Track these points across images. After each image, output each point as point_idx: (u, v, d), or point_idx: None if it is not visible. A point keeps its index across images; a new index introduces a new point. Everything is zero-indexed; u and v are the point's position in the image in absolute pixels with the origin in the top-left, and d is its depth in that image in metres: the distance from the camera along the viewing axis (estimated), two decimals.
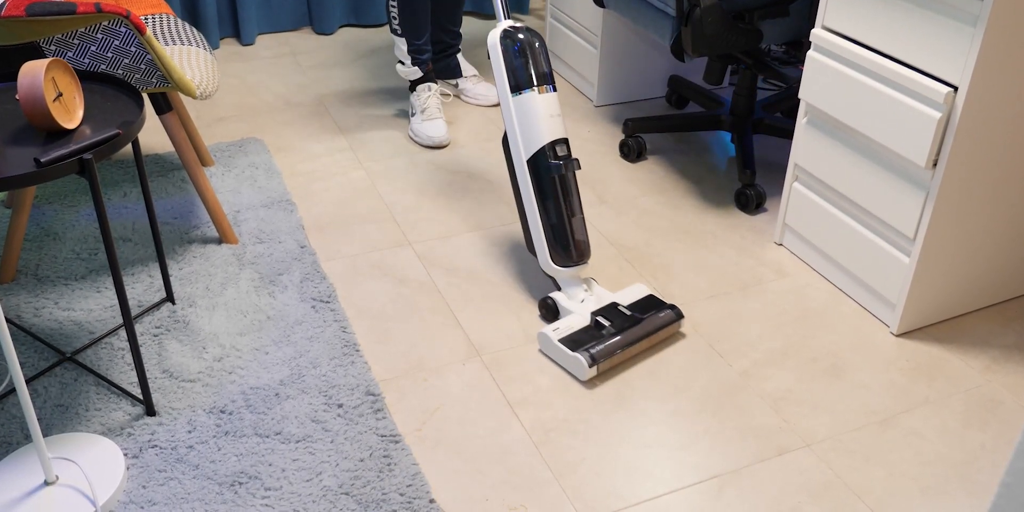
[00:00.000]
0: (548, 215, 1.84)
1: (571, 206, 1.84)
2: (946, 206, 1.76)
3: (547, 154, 1.82)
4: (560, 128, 1.84)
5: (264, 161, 2.50)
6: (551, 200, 1.83)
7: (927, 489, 1.56)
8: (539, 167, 1.83)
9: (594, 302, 1.87)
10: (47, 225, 2.22)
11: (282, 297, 1.99)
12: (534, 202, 1.85)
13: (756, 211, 2.33)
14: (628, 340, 1.79)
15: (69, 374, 1.77)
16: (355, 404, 1.71)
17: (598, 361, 1.75)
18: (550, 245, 1.85)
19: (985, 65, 1.60)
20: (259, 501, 1.51)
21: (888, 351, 1.87)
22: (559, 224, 1.84)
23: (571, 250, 1.85)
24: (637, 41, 2.77)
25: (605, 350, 1.76)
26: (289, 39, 3.33)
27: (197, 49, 2.10)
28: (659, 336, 1.84)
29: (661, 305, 1.87)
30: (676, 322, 1.86)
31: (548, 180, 1.83)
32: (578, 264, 1.87)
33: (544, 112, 1.82)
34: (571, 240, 1.84)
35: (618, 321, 1.81)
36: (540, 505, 1.52)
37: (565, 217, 1.83)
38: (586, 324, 1.82)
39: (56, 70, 1.46)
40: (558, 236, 1.84)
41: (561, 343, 1.77)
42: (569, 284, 1.88)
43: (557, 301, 1.87)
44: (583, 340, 1.78)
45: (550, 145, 1.82)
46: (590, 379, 1.77)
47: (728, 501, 1.53)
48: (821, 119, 1.97)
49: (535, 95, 1.82)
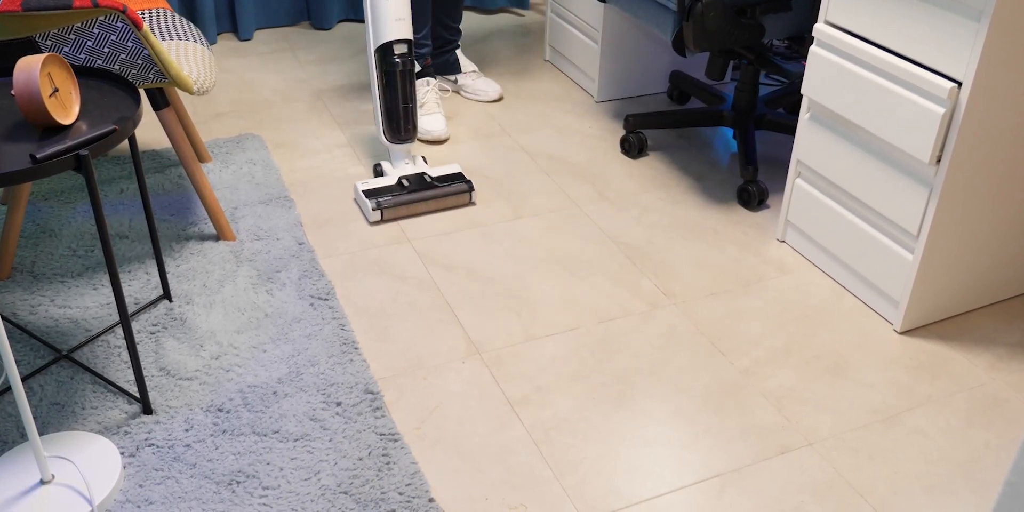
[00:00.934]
0: (386, 99, 2.24)
1: (405, 95, 2.23)
2: (950, 202, 1.75)
3: (391, 50, 2.18)
4: (404, 30, 2.18)
5: (262, 157, 2.50)
6: (390, 87, 2.23)
7: (931, 488, 1.55)
8: (384, 60, 2.20)
9: (410, 170, 2.31)
10: (43, 222, 2.21)
11: (280, 294, 1.98)
12: (377, 87, 2.25)
13: (758, 208, 2.32)
14: (416, 198, 2.23)
15: (65, 372, 1.77)
16: (354, 402, 1.70)
17: (383, 207, 2.20)
18: (384, 122, 2.27)
19: (989, 60, 1.60)
20: (257, 500, 1.51)
21: (891, 349, 1.86)
22: (393, 107, 2.25)
23: (400, 129, 2.27)
24: (638, 36, 2.77)
25: (393, 201, 2.21)
26: (287, 34, 3.32)
27: (194, 44, 2.10)
28: (446, 201, 2.27)
29: (460, 179, 2.28)
30: (466, 193, 2.27)
31: (390, 71, 2.21)
32: (404, 142, 2.29)
33: (392, 14, 2.17)
34: (400, 121, 2.26)
35: (416, 184, 2.25)
36: (540, 504, 1.52)
37: (399, 103, 2.24)
38: (391, 183, 2.26)
39: (52, 65, 1.45)
40: (391, 116, 2.26)
41: (363, 192, 2.22)
42: (396, 156, 2.33)
43: (383, 166, 2.35)
44: (380, 192, 2.22)
45: (392, 43, 2.18)
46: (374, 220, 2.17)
47: (730, 500, 1.53)
48: (824, 115, 1.96)
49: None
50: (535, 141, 2.61)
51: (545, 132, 2.66)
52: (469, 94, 2.85)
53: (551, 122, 2.72)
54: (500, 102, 2.83)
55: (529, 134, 2.65)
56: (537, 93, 2.89)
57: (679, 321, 1.93)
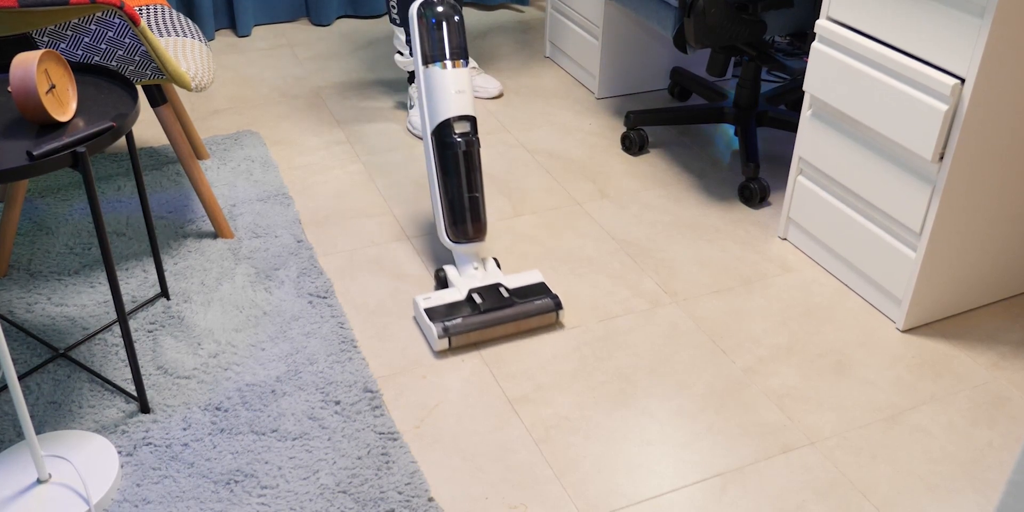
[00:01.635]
0: (447, 190, 1.90)
1: (471, 183, 1.90)
2: (953, 200, 1.75)
3: (450, 129, 1.88)
4: (467, 105, 1.89)
5: (260, 154, 2.49)
6: (451, 175, 1.90)
7: (934, 487, 1.55)
8: (442, 141, 1.89)
9: (479, 280, 1.91)
10: (40, 219, 2.21)
11: (278, 292, 1.98)
12: (435, 176, 1.91)
13: (760, 205, 2.32)
14: (491, 320, 1.82)
15: (62, 371, 1.76)
16: (353, 401, 1.70)
17: (451, 334, 1.79)
18: (447, 219, 1.92)
19: (992, 57, 1.59)
20: (255, 500, 1.50)
21: (894, 347, 1.86)
22: (457, 200, 1.90)
23: (467, 226, 1.91)
24: (639, 32, 2.76)
25: (462, 325, 1.80)
26: (286, 30, 3.32)
27: (192, 40, 2.09)
28: (528, 323, 1.86)
29: (543, 293, 1.89)
30: (552, 312, 1.87)
31: (450, 154, 1.89)
32: (472, 241, 1.92)
33: (452, 87, 1.88)
34: (466, 216, 1.91)
35: (490, 300, 1.84)
36: (541, 503, 1.51)
37: (463, 193, 1.90)
38: (459, 299, 1.86)
39: (49, 62, 1.45)
40: (455, 211, 1.91)
41: (426, 312, 1.82)
42: (462, 260, 1.94)
43: (447, 274, 1.94)
44: (447, 312, 1.82)
45: (452, 120, 1.88)
46: (441, 350, 1.82)
47: (732, 499, 1.52)
48: (826, 112, 1.96)
49: (444, 69, 1.88)
50: (535, 138, 2.61)
51: (545, 129, 2.66)
52: None
53: (551, 119, 2.71)
54: (500, 99, 2.83)
55: (529, 131, 2.64)
56: (537, 90, 2.88)
57: (680, 319, 1.93)
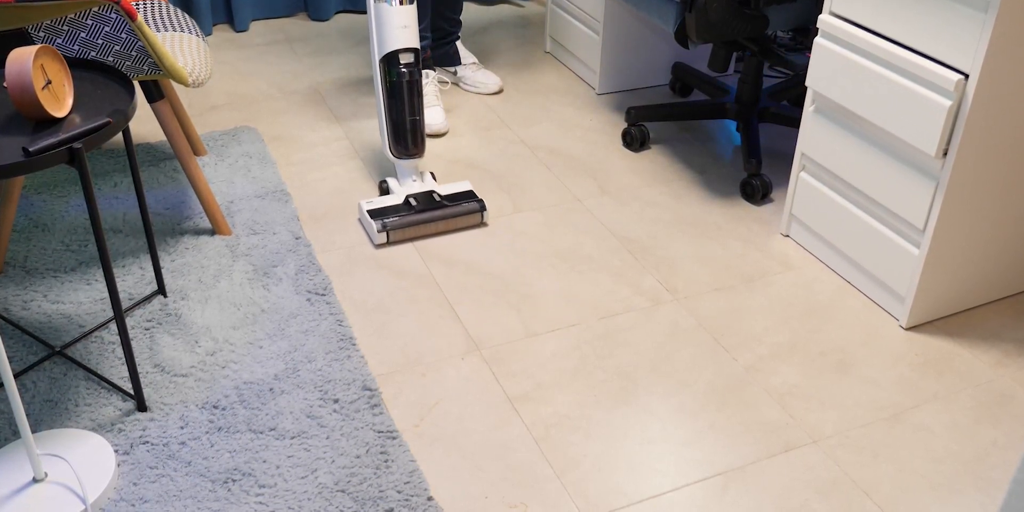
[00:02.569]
0: (391, 112, 2.14)
1: (412, 107, 2.13)
2: (957, 196, 1.74)
3: (396, 60, 2.10)
4: (411, 38, 2.10)
5: (258, 150, 2.49)
6: (396, 99, 2.13)
7: (937, 486, 1.54)
8: (389, 70, 2.12)
9: (417, 188, 2.19)
10: (36, 216, 2.21)
11: (276, 290, 1.97)
12: (382, 99, 2.15)
13: (762, 202, 2.32)
14: (424, 218, 2.10)
15: (58, 369, 1.76)
16: (351, 399, 1.70)
17: (388, 228, 2.07)
18: (391, 137, 2.17)
19: (996, 52, 1.59)
20: (253, 499, 1.50)
21: (897, 345, 1.85)
22: (400, 121, 2.15)
23: (407, 144, 2.17)
24: (640, 28, 2.76)
25: (399, 222, 2.08)
26: (284, 25, 3.32)
27: (189, 36, 2.09)
28: (456, 222, 2.14)
29: (471, 198, 2.16)
30: (477, 213, 2.15)
31: (395, 82, 2.12)
32: (412, 157, 2.18)
33: (397, 22, 2.08)
34: (408, 136, 2.16)
35: (424, 203, 2.13)
36: (541, 502, 1.51)
37: (406, 116, 2.14)
38: (398, 202, 2.14)
39: (45, 57, 1.45)
40: (398, 130, 2.16)
41: (368, 212, 2.10)
42: (403, 172, 2.22)
43: (389, 184, 2.23)
44: (386, 212, 2.10)
45: (397, 52, 2.10)
46: (380, 244, 2.07)
47: (733, 498, 1.52)
48: (829, 107, 1.95)
49: (391, 6, 2.08)
50: (535, 134, 2.60)
51: (545, 125, 2.65)
52: (469, 86, 2.84)
53: (551, 115, 2.71)
54: (500, 94, 2.83)
55: (529, 127, 2.64)
56: (537, 85, 2.88)
57: (681, 317, 1.92)
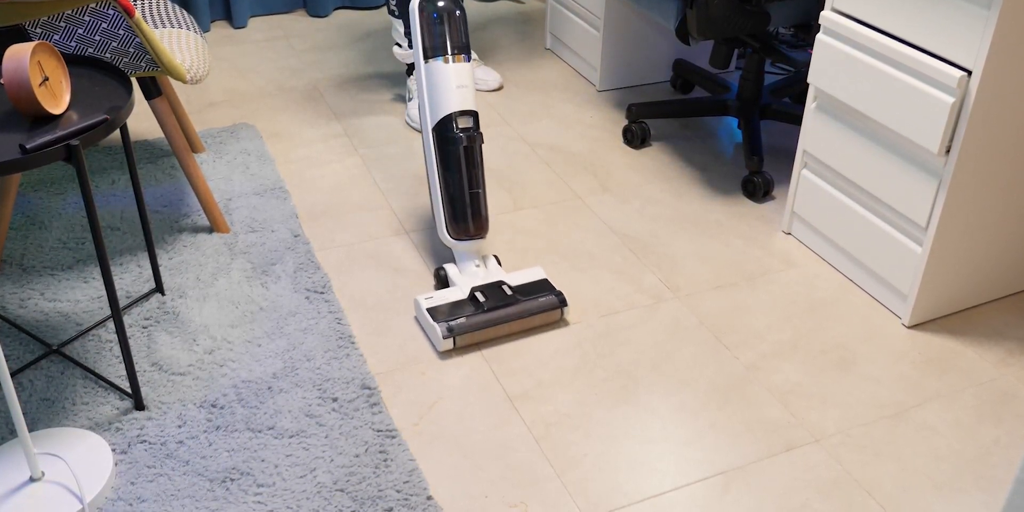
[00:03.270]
0: (448, 186, 1.90)
1: (472, 179, 1.89)
2: (959, 194, 1.74)
3: (451, 124, 1.87)
4: (468, 100, 1.89)
5: (256, 147, 2.48)
6: (452, 171, 1.89)
7: (940, 485, 1.54)
8: (442, 137, 1.89)
9: (481, 278, 1.90)
10: (33, 213, 2.20)
11: (275, 288, 1.97)
12: (436, 171, 1.91)
13: (763, 199, 2.31)
14: (495, 318, 1.81)
15: (55, 367, 1.76)
16: (350, 398, 1.69)
17: (455, 334, 1.78)
18: (447, 216, 1.91)
19: (1000, 49, 1.58)
20: (251, 498, 1.50)
21: (899, 343, 1.85)
22: (458, 196, 1.89)
23: (468, 223, 1.90)
24: (641, 24, 2.75)
25: (466, 324, 1.78)
26: (282, 22, 3.31)
27: (187, 32, 2.09)
28: (533, 320, 1.84)
29: (547, 289, 1.87)
30: (556, 309, 1.85)
31: (451, 150, 1.89)
32: (473, 238, 1.91)
33: (453, 82, 1.87)
34: (468, 213, 1.90)
35: (494, 298, 1.83)
36: (541, 502, 1.51)
37: (465, 190, 1.89)
38: (462, 298, 1.85)
39: (42, 54, 1.45)
40: (456, 208, 1.90)
41: (428, 311, 1.81)
42: (463, 257, 1.93)
43: (448, 273, 1.92)
44: (449, 312, 1.81)
45: (454, 115, 1.87)
46: (446, 350, 1.81)
47: (734, 497, 1.52)
48: (831, 104, 1.95)
49: (446, 64, 1.88)
50: (535, 131, 2.60)
51: (546, 122, 2.65)
52: None
53: (552, 112, 2.70)
54: (500, 91, 2.82)
55: (529, 124, 2.63)
56: (537, 82, 2.87)
57: (683, 315, 1.92)
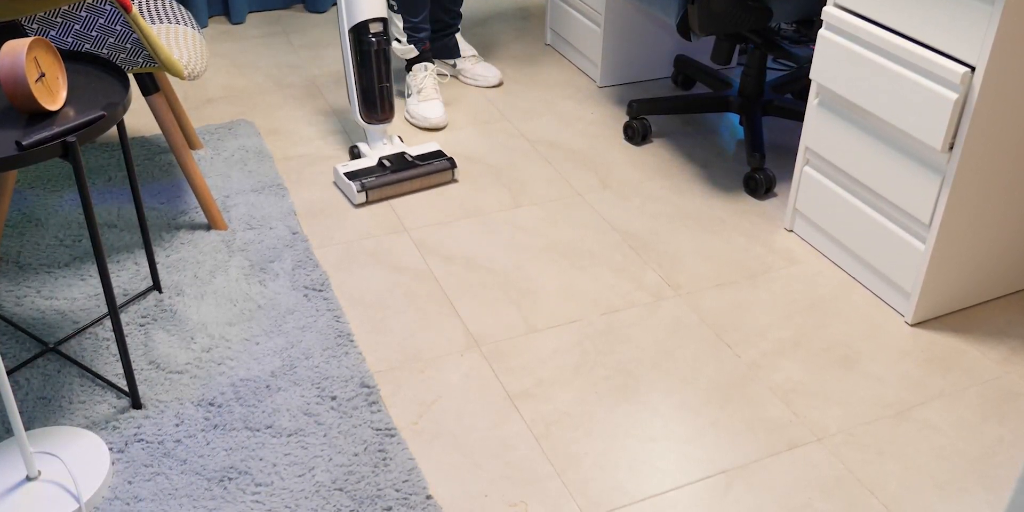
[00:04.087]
0: (361, 79, 2.25)
1: (380, 75, 2.25)
2: (963, 191, 1.74)
3: (366, 29, 2.19)
4: (380, 8, 2.19)
5: (255, 144, 2.48)
6: (365, 67, 2.24)
7: (943, 484, 1.54)
8: (359, 39, 2.21)
9: (388, 151, 2.32)
10: (29, 210, 2.20)
11: (273, 285, 1.97)
12: (352, 66, 2.25)
13: (765, 196, 2.31)
14: (399, 177, 2.23)
15: (52, 365, 1.75)
16: (349, 396, 1.69)
17: (367, 188, 2.19)
18: (360, 103, 2.28)
19: (1003, 44, 1.58)
20: (249, 497, 1.50)
21: (902, 341, 1.84)
22: (369, 88, 2.26)
23: (377, 110, 2.28)
24: (642, 19, 2.75)
25: (376, 181, 2.20)
26: (280, 17, 3.31)
27: (185, 28, 2.09)
28: (430, 179, 2.27)
29: (441, 156, 2.29)
30: (448, 170, 2.29)
31: (364, 52, 2.22)
32: (381, 122, 2.30)
33: None
34: (378, 102, 2.27)
35: (397, 163, 2.26)
36: (541, 501, 1.50)
37: (375, 83, 2.25)
38: (372, 164, 2.26)
39: (38, 49, 1.45)
40: (368, 97, 2.27)
41: (345, 175, 2.22)
42: (373, 136, 2.34)
43: (360, 148, 2.35)
44: (361, 174, 2.23)
45: (368, 22, 2.19)
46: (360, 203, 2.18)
47: (736, 497, 1.51)
48: (833, 100, 1.95)
49: None
50: (535, 127, 2.59)
51: (546, 118, 2.64)
52: (468, 79, 2.82)
53: (552, 108, 2.70)
54: (500, 87, 2.82)
55: (529, 120, 2.63)
56: (538, 78, 2.86)
57: (684, 313, 1.91)
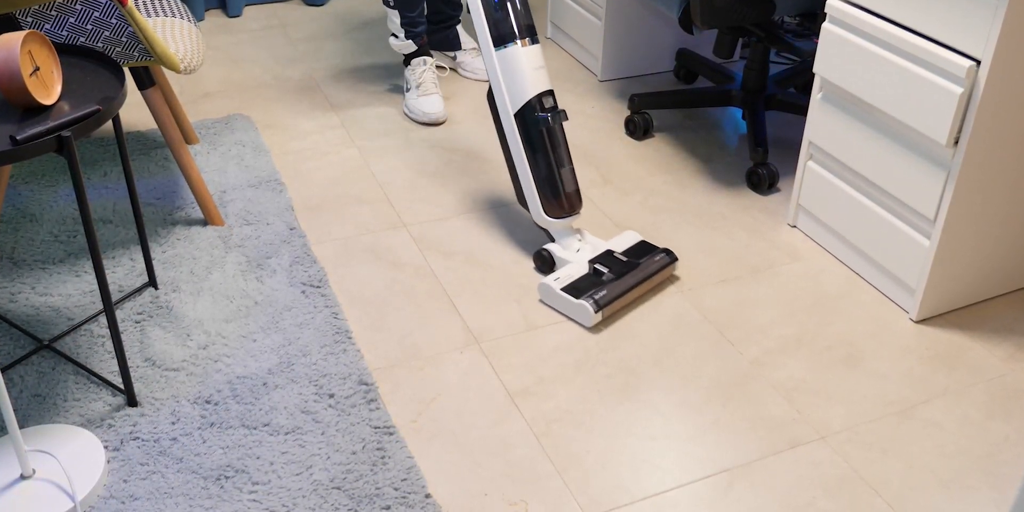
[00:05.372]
0: (538, 168, 1.93)
1: (560, 157, 1.93)
2: (968, 186, 1.73)
3: (534, 107, 1.90)
4: (545, 80, 1.92)
5: (251, 139, 2.47)
6: (540, 153, 1.92)
7: (948, 483, 1.53)
8: (527, 120, 1.91)
9: (589, 251, 1.97)
10: (23, 206, 2.20)
11: (270, 282, 1.96)
12: (523, 155, 1.93)
13: (768, 191, 2.30)
14: (628, 284, 1.88)
15: (47, 362, 1.75)
16: (347, 394, 1.68)
17: (602, 306, 1.83)
18: (542, 197, 1.95)
19: (1009, 38, 1.57)
20: (246, 496, 1.49)
21: (907, 338, 1.84)
22: (549, 176, 1.93)
23: (563, 201, 1.94)
24: (644, 13, 2.74)
25: (608, 295, 1.85)
26: (278, 10, 3.30)
27: (181, 21, 2.08)
28: (656, 279, 1.94)
29: (654, 249, 1.98)
30: (671, 264, 1.96)
31: (536, 133, 1.91)
32: (570, 215, 1.96)
33: (528, 65, 1.89)
34: (562, 191, 1.94)
35: (616, 267, 1.91)
36: (542, 500, 1.50)
37: (555, 168, 1.93)
38: (585, 272, 1.91)
39: (33, 43, 1.44)
40: (549, 188, 1.94)
41: (564, 291, 1.86)
42: (563, 235, 1.98)
43: (553, 252, 1.97)
44: (585, 287, 1.87)
45: (537, 97, 1.90)
46: (595, 324, 1.85)
47: (738, 495, 1.51)
48: (837, 95, 1.94)
49: (518, 48, 1.89)
50: None
51: None
52: (468, 73, 2.81)
53: None
54: None
55: None
56: None
57: (686, 309, 1.90)
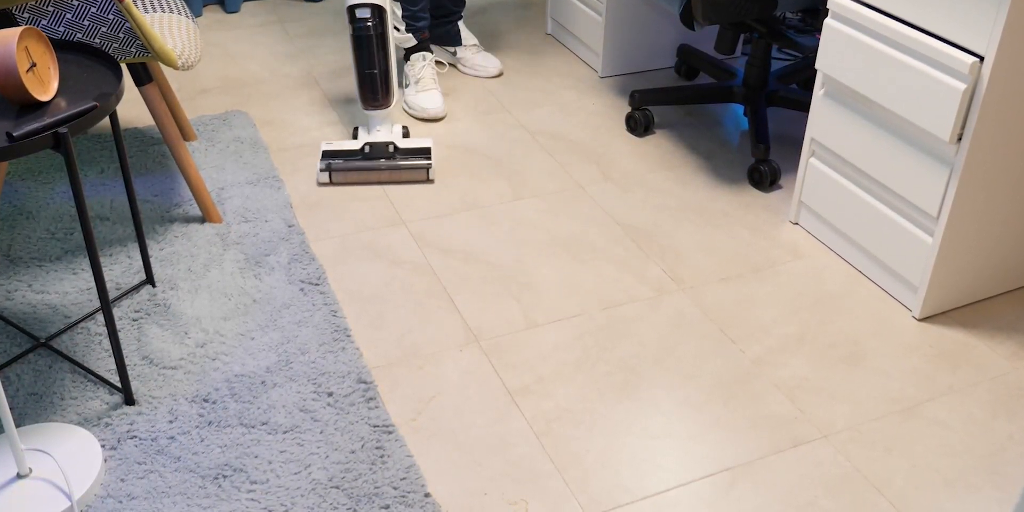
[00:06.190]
0: (357, 63, 2.30)
1: (369, 61, 2.27)
2: (971, 183, 1.73)
3: (353, 14, 2.22)
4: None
5: (250, 135, 2.47)
6: (356, 52, 2.28)
7: (951, 482, 1.53)
8: (350, 24, 2.25)
9: (380, 138, 2.33)
10: (20, 203, 2.19)
11: (268, 279, 1.96)
12: (352, 51, 2.31)
13: (770, 188, 2.30)
14: (369, 166, 2.25)
15: (43, 361, 1.75)
16: (346, 393, 1.68)
17: (332, 170, 2.23)
18: (357, 88, 2.33)
19: (1012, 34, 1.57)
20: (244, 495, 1.49)
21: (910, 337, 1.83)
22: (359, 73, 2.30)
23: (366, 95, 2.32)
24: (644, 8, 2.74)
25: (343, 165, 2.24)
26: (276, 6, 3.30)
27: (179, 17, 2.08)
28: (401, 174, 2.27)
29: (425, 154, 2.28)
30: (423, 169, 2.26)
31: (353, 37, 2.26)
32: (374, 107, 2.33)
33: None
34: (366, 88, 2.31)
35: (376, 152, 2.26)
36: (542, 499, 1.50)
37: (363, 69, 2.28)
38: (355, 148, 2.28)
39: (29, 39, 1.44)
40: (362, 82, 2.31)
41: (322, 153, 2.28)
42: (373, 122, 2.37)
43: (359, 130, 2.41)
44: (338, 156, 2.26)
45: (355, 7, 2.22)
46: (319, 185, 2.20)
47: (740, 495, 1.51)
48: (839, 91, 1.93)
49: None
50: (536, 118, 2.58)
51: (547, 109, 2.63)
52: (468, 69, 2.80)
53: (553, 99, 2.68)
54: (500, 78, 2.81)
55: (530, 111, 2.61)
56: (538, 68, 2.85)
57: (687, 307, 1.90)
